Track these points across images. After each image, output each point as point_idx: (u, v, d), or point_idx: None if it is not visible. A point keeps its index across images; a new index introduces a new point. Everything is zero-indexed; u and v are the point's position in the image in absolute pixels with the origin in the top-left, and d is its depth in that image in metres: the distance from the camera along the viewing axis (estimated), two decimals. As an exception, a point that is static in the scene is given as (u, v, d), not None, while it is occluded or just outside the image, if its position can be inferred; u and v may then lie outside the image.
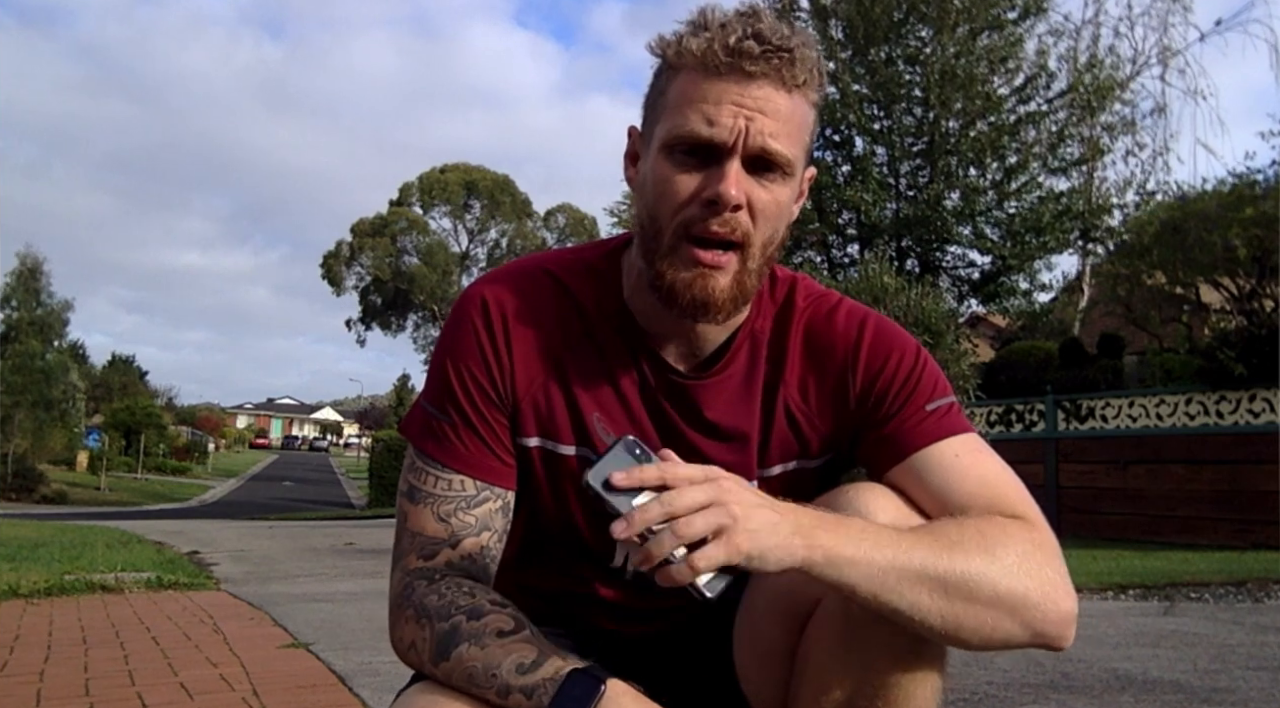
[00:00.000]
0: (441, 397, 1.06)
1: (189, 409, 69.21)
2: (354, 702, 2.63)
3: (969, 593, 0.89)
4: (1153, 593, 5.47)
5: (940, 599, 0.89)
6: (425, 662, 0.98)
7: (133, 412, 42.53)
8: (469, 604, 0.97)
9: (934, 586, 0.88)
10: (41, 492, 26.81)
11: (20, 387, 28.60)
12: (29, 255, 36.28)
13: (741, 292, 1.00)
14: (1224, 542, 9.26)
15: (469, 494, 1.04)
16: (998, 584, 0.90)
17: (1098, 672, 2.98)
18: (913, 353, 1.08)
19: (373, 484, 28.17)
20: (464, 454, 1.04)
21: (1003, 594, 0.90)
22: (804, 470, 1.10)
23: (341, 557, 7.99)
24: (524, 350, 1.06)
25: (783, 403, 1.08)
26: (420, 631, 0.98)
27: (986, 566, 0.90)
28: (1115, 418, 10.92)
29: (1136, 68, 18.39)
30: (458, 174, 53.98)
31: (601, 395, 1.07)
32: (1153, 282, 12.87)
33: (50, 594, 5.02)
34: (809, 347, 1.09)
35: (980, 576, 0.90)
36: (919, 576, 0.88)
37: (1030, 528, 0.97)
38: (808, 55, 0.96)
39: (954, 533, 0.92)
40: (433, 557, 1.03)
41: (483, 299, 1.07)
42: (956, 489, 1.00)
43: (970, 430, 1.06)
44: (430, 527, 1.04)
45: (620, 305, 1.08)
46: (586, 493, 0.85)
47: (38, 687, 2.78)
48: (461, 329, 1.07)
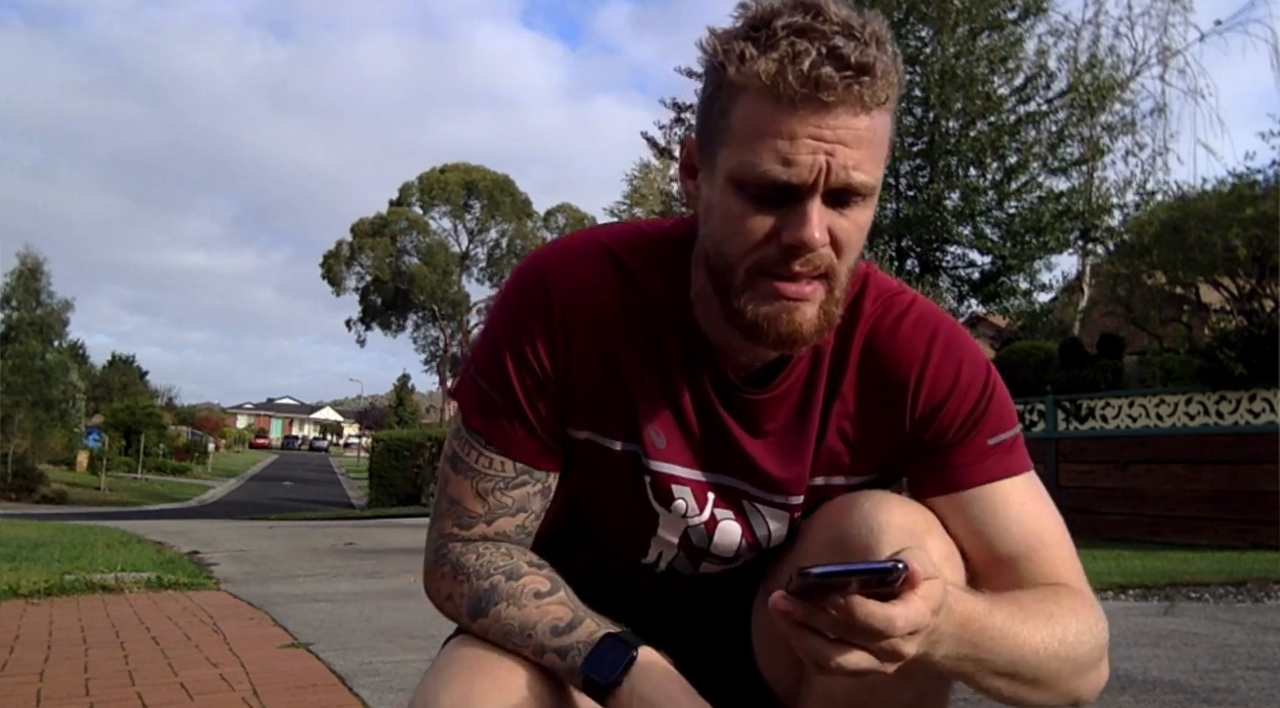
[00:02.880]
0: (492, 374, 1.03)
1: (189, 409, 69.26)
2: (354, 702, 2.63)
3: (1037, 682, 0.93)
4: (1153, 593, 5.47)
5: (1012, 685, 0.92)
6: (462, 615, 1.02)
7: (133, 412, 42.54)
8: (507, 565, 1.01)
9: (1014, 678, 0.92)
10: (41, 492, 26.82)
11: (20, 387, 28.62)
12: (29, 255, 36.32)
13: (829, 320, 0.94)
14: (1224, 542, 9.26)
15: (509, 476, 1.04)
16: (1068, 681, 0.95)
17: (1098, 672, 2.98)
18: (981, 379, 1.01)
19: (373, 484, 28.15)
20: (509, 436, 1.03)
21: (1067, 685, 0.95)
22: (840, 488, 1.05)
23: (341, 557, 7.99)
24: (582, 339, 1.01)
25: (836, 417, 1.03)
26: (458, 586, 1.02)
27: (1061, 667, 0.93)
28: (1115, 418, 10.92)
29: (1136, 68, 18.38)
30: (458, 174, 53.99)
31: (657, 397, 1.03)
32: (1153, 282, 12.87)
33: (50, 594, 5.02)
34: (869, 360, 1.02)
35: (1055, 674, 0.93)
36: (1003, 671, 0.90)
37: (1085, 604, 0.98)
38: (887, 66, 0.86)
39: (1034, 629, 0.92)
40: (469, 528, 1.05)
41: (545, 280, 1.02)
42: (1002, 537, 0.99)
43: (1028, 468, 1.03)
44: (469, 500, 1.05)
45: (684, 305, 1.02)
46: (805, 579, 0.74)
47: (38, 687, 2.78)
48: (521, 308, 1.02)
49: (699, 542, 1.06)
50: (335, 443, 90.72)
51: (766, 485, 1.04)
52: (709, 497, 1.05)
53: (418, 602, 5.35)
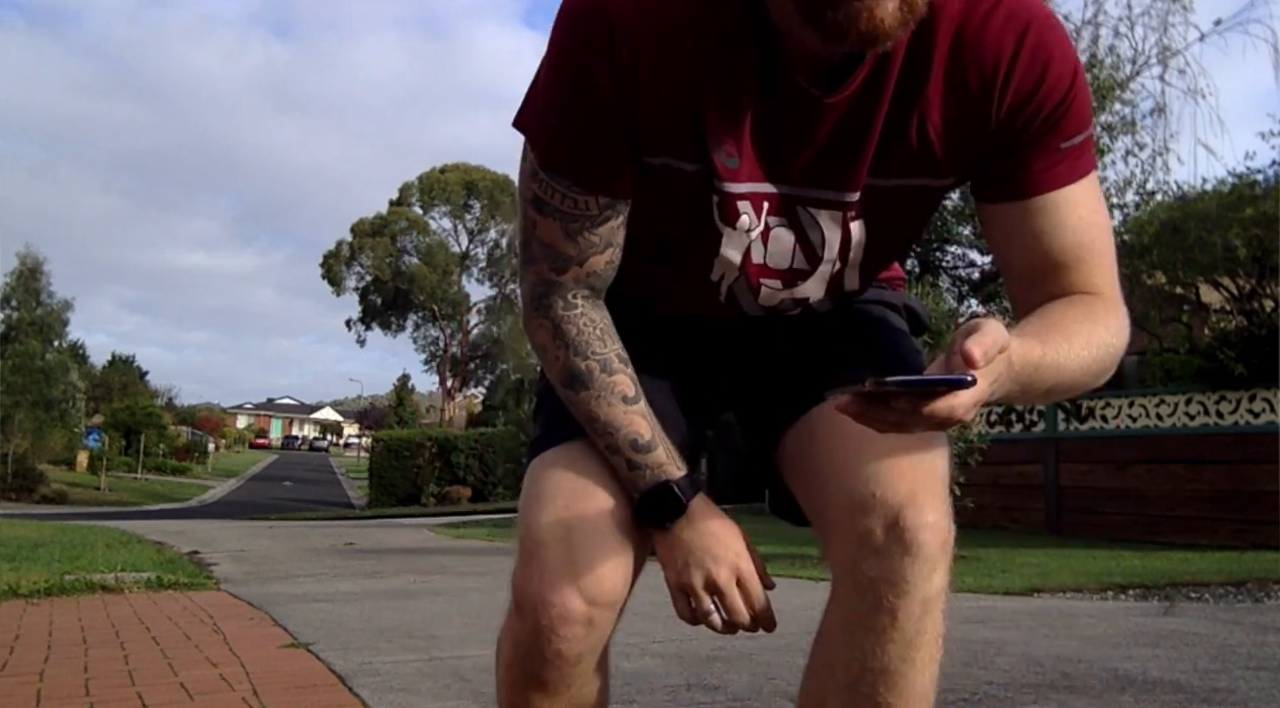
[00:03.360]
0: (562, 108, 1.01)
1: (189, 409, 69.28)
2: (354, 702, 2.63)
3: (1066, 391, 1.00)
4: (1153, 593, 5.47)
5: (1041, 397, 1.00)
6: (554, 375, 1.11)
7: (133, 412, 42.54)
8: (603, 354, 1.09)
9: (1047, 393, 0.99)
10: (41, 492, 26.80)
11: (20, 387, 28.61)
12: (29, 255, 36.34)
13: (911, 13, 0.89)
14: (1224, 542, 9.26)
15: (593, 213, 1.06)
16: (1086, 386, 1.02)
17: (1098, 672, 2.98)
18: (1069, 75, 0.99)
19: (373, 484, 28.16)
20: (588, 171, 1.03)
21: (1084, 388, 1.02)
22: (929, 188, 1.06)
23: (341, 557, 7.99)
24: (649, 59, 0.97)
25: (915, 116, 1.00)
26: (555, 348, 1.10)
27: (1088, 379, 1.01)
28: (1115, 418, 10.92)
29: (1136, 68, 18.34)
30: (458, 174, 53.98)
31: (727, 111, 1.00)
32: (1153, 282, 12.86)
33: (50, 594, 5.02)
34: (956, 57, 0.98)
35: (1081, 385, 1.01)
36: (1040, 394, 0.98)
37: (1117, 317, 1.04)
38: None
39: (1075, 355, 0.98)
40: (563, 272, 1.09)
41: (604, 3, 0.97)
42: (1059, 245, 1.03)
43: (1093, 169, 1.05)
44: (559, 242, 1.07)
45: (757, 9, 0.97)
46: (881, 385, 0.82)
47: (38, 687, 2.78)
48: (582, 34, 0.98)
49: (757, 258, 1.08)
50: (335, 443, 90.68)
51: (823, 184, 1.04)
52: (764, 206, 1.05)
53: (417, 602, 5.35)
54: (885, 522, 0.96)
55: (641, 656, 3.15)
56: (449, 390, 53.68)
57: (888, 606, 0.96)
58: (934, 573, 0.96)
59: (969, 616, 4.12)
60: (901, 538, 0.95)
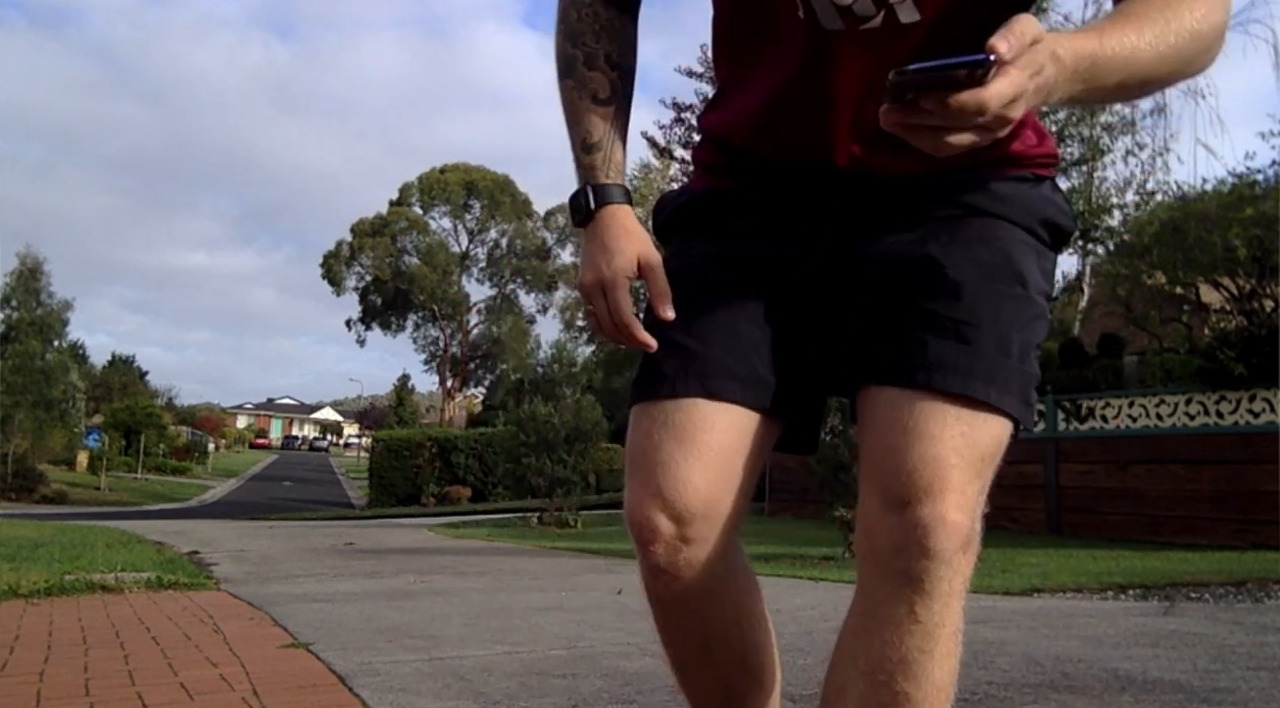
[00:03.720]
0: None
1: (189, 409, 69.27)
2: (354, 702, 2.63)
3: (1146, 84, 0.96)
4: (1153, 593, 5.47)
5: (1119, 94, 0.96)
6: (556, 63, 1.18)
7: (133, 412, 42.53)
8: (591, 47, 1.16)
9: (1122, 90, 0.94)
10: (41, 492, 26.80)
11: (20, 387, 28.59)
12: (29, 255, 36.34)
13: None
14: (1224, 542, 9.26)
15: None
16: (1177, 75, 0.97)
17: (1098, 672, 2.98)
18: None
19: (372, 484, 28.16)
20: None
21: (1177, 78, 0.98)
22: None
23: (341, 557, 7.99)
24: None
25: None
26: (559, 32, 1.18)
27: (1172, 67, 0.95)
28: (1115, 418, 10.93)
29: (1136, 68, 18.35)
30: (458, 174, 53.99)
31: None
32: (1153, 282, 12.88)
33: (50, 594, 5.02)
34: None
35: (1165, 76, 0.96)
36: (1111, 91, 0.93)
37: None
38: None
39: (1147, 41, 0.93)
40: None
41: None
42: None
43: None
44: None
45: None
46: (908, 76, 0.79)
47: (38, 687, 2.78)
48: None
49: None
50: (335, 443, 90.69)
51: None
52: None
53: (417, 602, 5.35)
54: (908, 518, 0.97)
55: (641, 656, 3.15)
56: (449, 390, 53.68)
57: (907, 598, 0.98)
58: (954, 570, 0.98)
59: (969, 615, 4.05)
60: (923, 535, 0.96)
